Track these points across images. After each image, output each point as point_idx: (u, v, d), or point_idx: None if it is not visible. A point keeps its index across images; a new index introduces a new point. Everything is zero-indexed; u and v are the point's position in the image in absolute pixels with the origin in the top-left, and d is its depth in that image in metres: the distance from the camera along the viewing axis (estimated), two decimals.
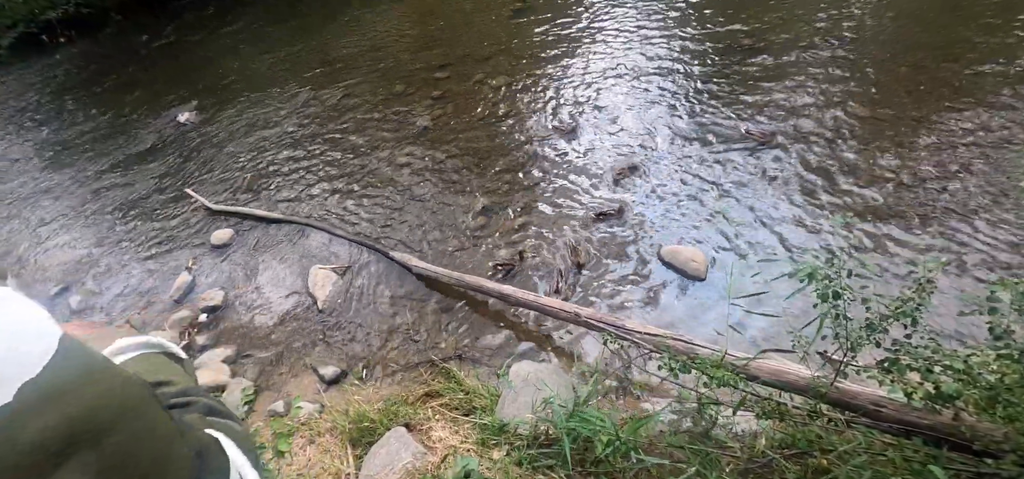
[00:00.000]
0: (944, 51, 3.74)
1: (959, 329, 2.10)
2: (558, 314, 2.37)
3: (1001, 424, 1.31)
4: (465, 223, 3.31)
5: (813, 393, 1.59)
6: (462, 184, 3.62)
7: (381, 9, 7.15)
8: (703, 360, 1.76)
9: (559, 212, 3.22)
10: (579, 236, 2.99)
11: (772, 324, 2.25)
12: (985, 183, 2.72)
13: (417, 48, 5.68)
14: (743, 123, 3.45)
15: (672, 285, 2.65)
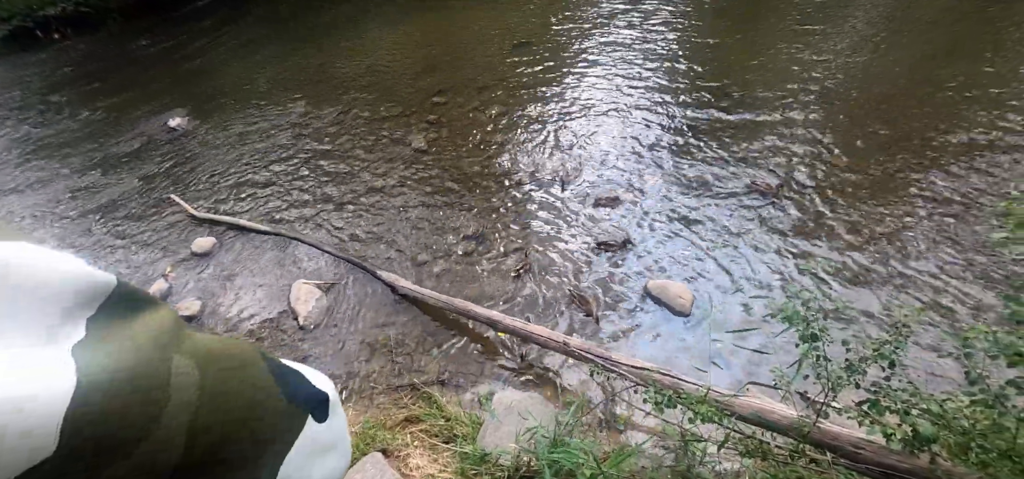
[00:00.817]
0: (913, 107, 3.96)
1: (935, 372, 2.16)
2: (546, 343, 2.36)
3: (974, 470, 1.34)
4: (455, 247, 3.31)
5: (796, 433, 1.60)
6: (453, 208, 3.64)
7: (383, 31, 7.30)
8: (688, 395, 1.77)
9: (549, 242, 3.24)
10: (581, 283, 2.98)
11: (755, 361, 2.28)
12: (955, 235, 2.84)
13: (416, 72, 5.78)
14: (748, 175, 3.51)
15: (658, 319, 2.67)
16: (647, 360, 2.17)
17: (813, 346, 1.37)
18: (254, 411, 0.27)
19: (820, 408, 1.50)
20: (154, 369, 0.22)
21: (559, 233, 3.29)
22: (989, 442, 1.24)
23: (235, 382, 0.26)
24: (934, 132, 3.68)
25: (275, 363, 0.30)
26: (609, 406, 2.25)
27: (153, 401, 0.21)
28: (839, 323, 2.38)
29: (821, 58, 4.91)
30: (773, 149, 3.75)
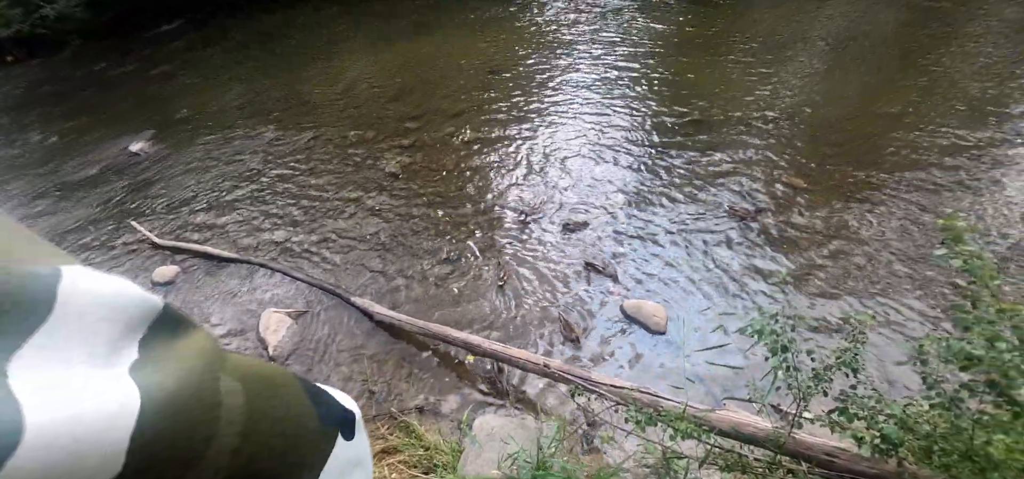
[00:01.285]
0: (863, 129, 4.24)
1: (899, 381, 2.25)
2: (525, 365, 2.35)
3: (939, 472, 1.40)
4: (430, 271, 3.28)
5: (772, 445, 1.64)
6: (428, 233, 3.62)
7: (355, 58, 7.31)
8: (668, 412, 1.78)
9: (524, 265, 3.26)
10: (558, 305, 2.99)
11: (730, 377, 2.33)
12: (904, 249, 3.02)
13: (389, 98, 5.79)
14: (716, 197, 3.63)
15: (635, 339, 2.70)
16: (626, 379, 2.19)
17: (783, 358, 1.41)
18: (294, 432, 0.28)
19: (793, 418, 1.54)
20: (206, 390, 0.23)
21: (534, 256, 3.32)
22: (949, 444, 1.31)
23: (277, 404, 0.27)
24: (882, 153, 3.94)
25: (309, 384, 0.31)
26: (591, 427, 2.24)
27: (208, 422, 0.22)
28: (804, 335, 2.48)
29: (778, 86, 5.22)
30: (736, 171, 3.92)
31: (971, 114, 4.38)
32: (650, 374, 2.47)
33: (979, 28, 6.39)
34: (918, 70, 5.23)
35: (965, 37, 6.11)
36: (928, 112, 4.40)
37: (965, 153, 3.85)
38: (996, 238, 3.08)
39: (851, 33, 6.60)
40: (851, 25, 6.92)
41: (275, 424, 0.27)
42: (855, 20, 7.08)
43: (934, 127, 4.18)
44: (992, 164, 3.73)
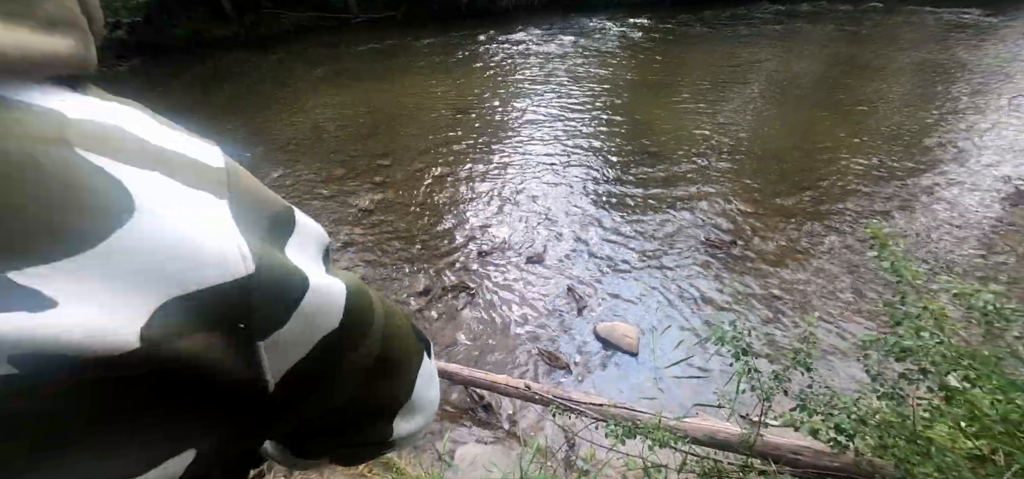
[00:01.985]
0: (804, 160, 4.65)
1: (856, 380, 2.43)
2: (506, 390, 2.38)
3: (891, 462, 1.53)
4: (405, 302, 3.28)
5: (744, 447, 1.74)
6: (402, 266, 3.64)
7: (324, 96, 7.36)
8: (645, 424, 1.86)
9: (498, 294, 3.32)
10: (532, 332, 3.05)
11: (700, 388, 2.45)
12: (843, 258, 3.31)
13: (360, 136, 5.85)
14: (702, 231, 3.78)
15: (609, 360, 2.79)
16: (604, 397, 2.26)
17: (745, 361, 1.54)
18: (406, 335, 0.40)
19: (760, 418, 1.65)
20: (367, 294, 0.34)
21: (507, 286, 3.39)
22: (896, 431, 1.45)
23: (398, 317, 0.39)
24: (822, 179, 4.33)
25: (409, 315, 0.45)
26: (572, 446, 2.28)
27: (371, 311, 0.34)
28: (762, 340, 2.65)
29: (723, 122, 5.66)
30: (691, 199, 4.20)
31: (895, 143, 4.90)
32: (626, 391, 2.56)
33: (893, 69, 7.21)
34: (846, 106, 5.83)
35: (882, 77, 6.88)
36: (858, 142, 4.90)
37: (893, 177, 4.30)
38: (922, 246, 3.43)
39: (783, 75, 7.29)
40: (782, 67, 7.65)
41: (398, 329, 0.38)
42: (785, 63, 7.83)
43: (865, 155, 4.65)
44: (915, 185, 4.17)
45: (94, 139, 0.21)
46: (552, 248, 3.72)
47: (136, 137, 0.23)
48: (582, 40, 10.24)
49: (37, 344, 0.17)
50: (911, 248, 3.42)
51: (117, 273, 0.19)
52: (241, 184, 0.27)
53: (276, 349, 0.25)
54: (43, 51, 0.21)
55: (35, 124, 0.19)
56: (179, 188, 0.22)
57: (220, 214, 0.23)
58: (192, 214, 0.22)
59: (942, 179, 4.25)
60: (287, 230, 0.29)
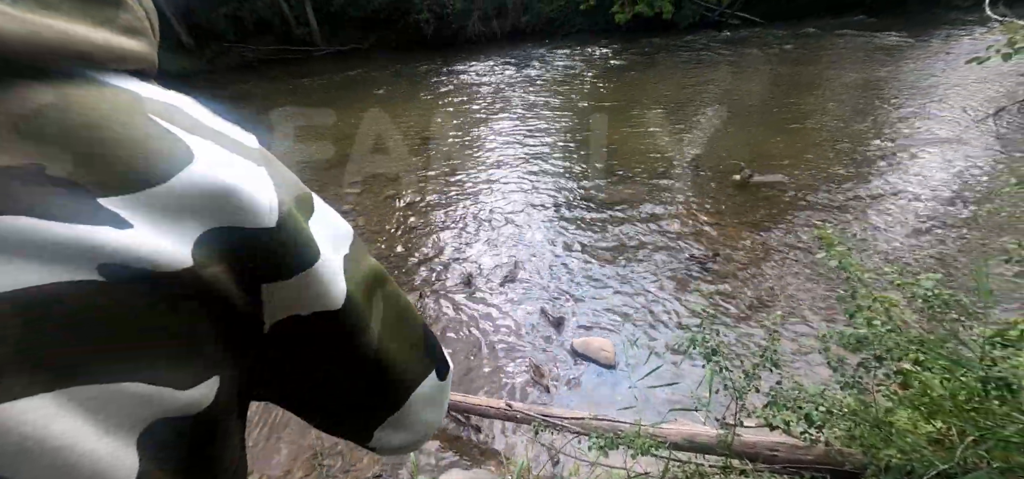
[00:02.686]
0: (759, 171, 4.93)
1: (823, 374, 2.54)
2: (487, 412, 2.36)
3: (858, 450, 1.61)
4: None
5: (722, 449, 1.79)
6: None
7: (290, 127, 7.27)
8: (626, 434, 1.89)
9: (474, 313, 3.32)
10: (509, 351, 3.06)
11: (677, 394, 2.50)
12: (799, 257, 3.50)
13: (328, 165, 5.79)
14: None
15: (587, 374, 2.82)
16: (584, 411, 2.28)
17: (714, 360, 1.60)
18: (409, 355, 0.41)
19: (735, 418, 1.71)
20: (375, 288, 0.38)
21: (481, 308, 3.39)
22: (860, 418, 1.53)
23: (408, 323, 0.42)
24: (776, 190, 4.59)
25: (425, 326, 0.45)
26: (556, 464, 2.27)
27: (371, 307, 0.37)
28: (731, 342, 2.74)
29: (684, 141, 5.95)
30: (655, 214, 4.36)
31: (837, 154, 5.26)
32: (606, 403, 2.58)
33: (830, 86, 7.79)
34: (790, 122, 6.23)
35: (820, 94, 7.43)
36: (804, 155, 5.24)
37: (839, 185, 4.61)
38: (868, 243, 3.68)
39: (733, 96, 7.76)
40: (732, 89, 8.14)
41: (404, 335, 0.40)
42: (734, 85, 8.34)
43: (813, 168, 4.97)
44: (858, 191, 4.49)
45: (161, 110, 0.27)
46: (525, 268, 3.76)
47: (192, 116, 0.29)
48: (545, 68, 10.58)
49: (119, 255, 0.22)
50: (858, 245, 3.66)
51: (177, 206, 0.24)
52: (274, 164, 0.33)
53: (277, 296, 0.29)
54: (123, 49, 0.27)
55: (120, 97, 0.26)
56: (227, 153, 0.28)
57: (260, 175, 0.29)
58: (237, 171, 0.28)
59: (881, 183, 4.59)
60: (310, 210, 0.33)
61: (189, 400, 0.25)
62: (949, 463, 1.20)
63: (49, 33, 0.23)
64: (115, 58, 0.26)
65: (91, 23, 0.25)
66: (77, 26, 0.24)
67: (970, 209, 4.06)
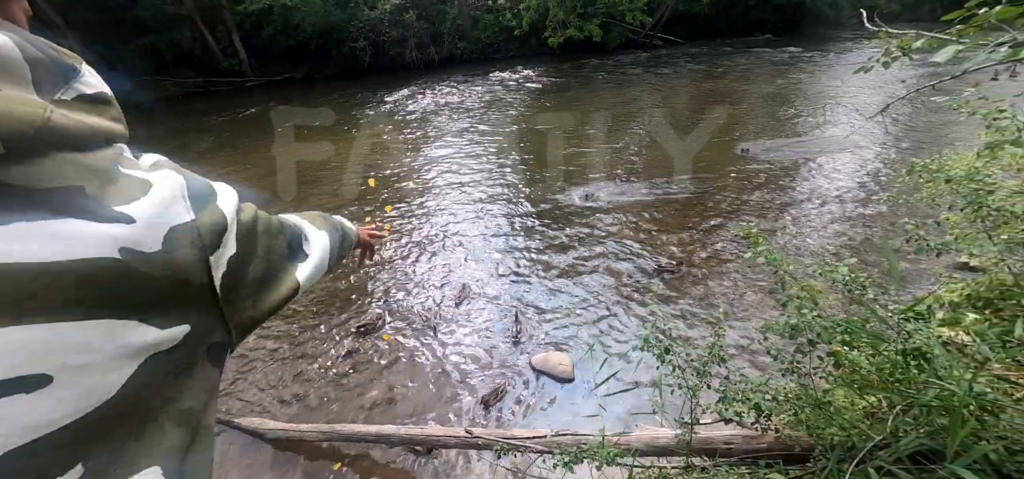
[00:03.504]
0: (693, 179, 5.23)
1: (764, 365, 2.68)
2: (446, 442, 2.26)
3: (804, 432, 1.70)
4: (329, 371, 3.03)
5: (682, 448, 1.82)
6: (323, 331, 3.38)
7: (218, 165, 6.80)
8: (591, 446, 1.88)
9: (427, 342, 3.21)
10: (465, 374, 3.00)
11: (637, 401, 2.54)
12: (735, 254, 3.72)
13: (262, 201, 5.42)
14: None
15: (547, 390, 2.80)
16: (547, 428, 2.25)
17: (668, 360, 1.64)
18: (278, 257, 0.57)
19: (691, 416, 1.75)
20: (253, 212, 0.53)
21: (436, 334, 3.30)
22: (803, 401, 1.62)
23: (270, 235, 0.56)
24: (707, 194, 4.89)
25: (290, 233, 0.64)
26: None
27: (257, 223, 0.53)
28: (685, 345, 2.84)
29: (624, 155, 6.21)
30: (603, 226, 4.49)
31: (760, 159, 5.71)
32: (568, 418, 2.57)
33: (747, 98, 8.49)
34: (716, 132, 6.70)
35: (740, 105, 8.07)
36: (731, 162, 5.63)
37: (764, 186, 4.98)
38: (793, 238, 3.99)
39: (663, 110, 8.26)
40: (662, 104, 8.67)
41: (267, 221, 0.55)
42: (664, 100, 8.89)
43: (738, 172, 5.34)
44: (780, 191, 4.87)
45: (131, 163, 0.43)
46: (477, 290, 3.71)
47: (148, 160, 0.48)
48: (484, 91, 10.74)
49: (127, 242, 0.36)
50: (788, 241, 3.96)
51: (152, 214, 0.39)
52: (187, 172, 0.47)
53: (220, 258, 0.44)
54: (110, 129, 0.43)
55: (107, 156, 0.40)
56: (171, 173, 0.44)
57: (190, 181, 0.45)
58: (177, 182, 0.43)
59: (796, 183, 5.03)
60: (213, 194, 0.47)
61: (166, 336, 0.39)
62: (883, 433, 1.29)
63: (90, 124, 0.40)
64: (105, 135, 0.41)
65: (107, 118, 0.43)
66: (101, 120, 0.42)
67: (874, 198, 4.54)
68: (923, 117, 6.53)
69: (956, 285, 2.33)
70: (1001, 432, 1.18)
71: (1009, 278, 1.87)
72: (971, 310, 1.93)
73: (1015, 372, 1.59)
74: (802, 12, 16.86)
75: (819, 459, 1.51)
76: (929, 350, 1.31)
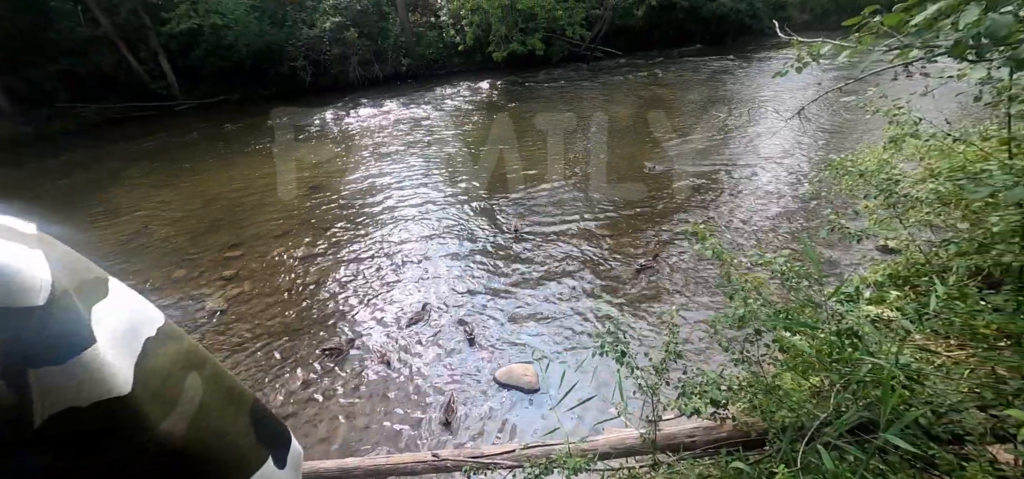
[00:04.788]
0: (642, 183, 5.45)
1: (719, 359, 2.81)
2: (414, 468, 2.18)
3: (759, 418, 1.79)
4: (282, 408, 2.85)
5: (647, 447, 1.86)
6: (273, 361, 3.18)
7: (149, 194, 6.29)
8: (559, 456, 1.88)
9: (387, 367, 3.11)
10: (429, 395, 2.91)
11: (602, 405, 2.58)
12: (691, 257, 3.91)
13: (200, 231, 5.09)
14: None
15: (513, 402, 2.78)
16: (515, 442, 2.23)
17: (626, 361, 1.68)
18: (232, 440, 0.37)
19: (653, 412, 1.80)
20: (176, 376, 0.34)
21: (393, 354, 3.20)
22: (755, 388, 1.71)
23: (227, 410, 0.37)
24: (653, 197, 5.10)
25: (261, 410, 0.40)
26: None
27: (170, 398, 0.33)
28: (643, 345, 2.93)
29: (568, 159, 6.37)
30: (559, 233, 4.57)
31: (695, 160, 6.04)
32: (536, 428, 2.56)
33: (686, 104, 9.00)
34: (658, 137, 7.04)
35: (680, 111, 8.54)
36: (673, 165, 5.92)
37: (707, 187, 5.27)
38: (737, 233, 4.24)
39: (607, 118, 8.59)
40: (605, 113, 9.01)
41: (218, 424, 0.36)
42: (606, 109, 9.24)
43: (680, 175, 5.62)
44: (722, 190, 5.17)
45: None
46: (435, 308, 3.64)
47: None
48: (431, 107, 10.69)
49: None
50: (733, 236, 4.20)
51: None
52: (56, 248, 0.32)
53: (49, 383, 0.28)
54: None
55: None
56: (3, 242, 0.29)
57: (32, 256, 0.29)
58: (10, 253, 0.28)
59: (732, 181, 5.37)
60: (97, 295, 0.33)
61: None
62: (828, 411, 1.38)
63: None
64: None
65: None
66: None
67: (800, 191, 4.92)
68: (835, 116, 7.19)
69: (879, 266, 2.56)
70: (927, 398, 1.30)
71: (921, 257, 2.07)
72: (893, 288, 2.13)
73: (933, 342, 1.76)
74: (727, 24, 18.15)
75: (774, 441, 1.59)
76: (860, 328, 1.43)
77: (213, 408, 0.36)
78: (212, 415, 0.35)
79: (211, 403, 0.35)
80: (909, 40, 1.71)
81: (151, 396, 0.32)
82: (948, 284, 1.57)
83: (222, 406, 0.36)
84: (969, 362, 1.53)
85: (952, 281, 1.59)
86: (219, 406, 0.36)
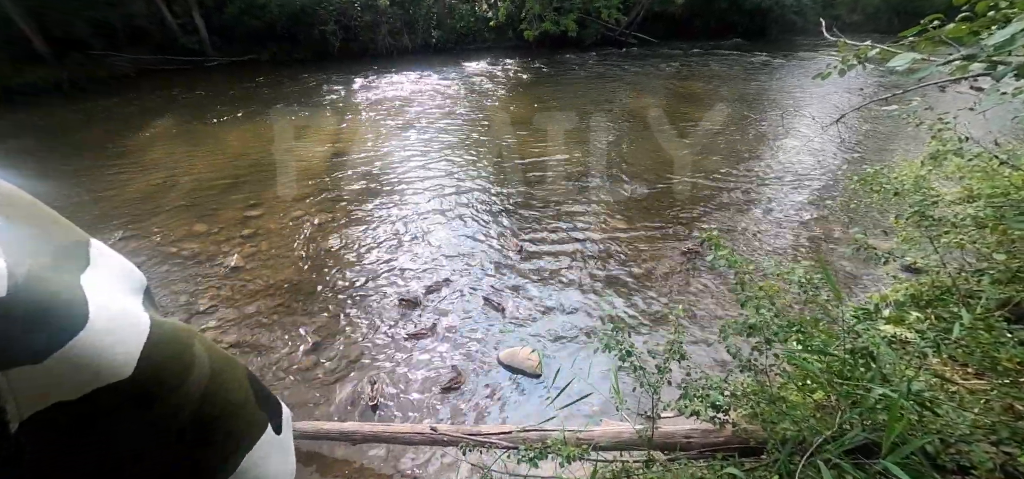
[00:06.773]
0: (662, 178, 5.34)
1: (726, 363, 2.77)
2: (412, 440, 2.23)
3: (760, 426, 1.77)
4: (292, 366, 2.94)
5: (643, 443, 1.86)
6: (285, 323, 3.27)
7: (177, 147, 6.46)
8: (555, 442, 1.89)
9: (394, 340, 3.16)
10: (432, 369, 2.96)
11: (602, 395, 2.58)
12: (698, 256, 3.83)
13: (223, 188, 5.21)
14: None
15: (515, 385, 2.81)
16: (512, 424, 2.25)
17: (630, 361, 1.67)
18: (239, 402, 0.35)
19: (652, 411, 1.79)
20: (185, 340, 0.31)
21: (404, 326, 3.25)
22: (760, 397, 1.68)
23: (230, 377, 0.34)
24: (674, 194, 5.00)
25: (253, 376, 0.39)
26: None
27: (186, 363, 0.30)
28: (649, 342, 2.90)
29: (594, 148, 6.27)
30: (576, 222, 4.53)
31: (726, 159, 5.88)
32: (534, 413, 2.58)
33: (714, 102, 8.72)
34: (685, 131, 6.86)
35: (709, 105, 8.28)
36: (698, 161, 5.77)
37: (728, 188, 5.13)
38: (753, 239, 4.13)
39: (635, 107, 8.38)
40: (633, 101, 8.79)
41: (227, 391, 0.34)
42: (635, 98, 9.02)
43: (704, 172, 5.48)
44: (744, 194, 5.03)
45: None
46: (448, 283, 3.67)
47: None
48: (458, 82, 10.61)
49: None
50: (749, 243, 4.10)
51: None
52: (19, 208, 0.28)
53: (26, 384, 0.23)
54: None
55: None
56: None
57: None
58: None
59: (757, 187, 5.21)
60: (80, 261, 0.29)
61: None
62: (832, 428, 1.35)
63: None
64: None
65: None
66: None
67: (827, 203, 4.75)
68: (878, 124, 6.87)
69: (901, 285, 2.47)
70: (938, 426, 1.25)
71: (948, 280, 1.98)
72: (915, 309, 2.05)
73: (950, 368, 1.69)
74: (770, 18, 17.42)
75: (772, 452, 1.57)
76: (875, 348, 1.38)
77: (223, 374, 0.33)
78: (222, 382, 0.33)
79: (220, 370, 0.33)
80: (970, 52, 1.60)
81: (159, 370, 0.28)
82: (974, 312, 1.50)
83: (228, 372, 0.34)
84: (986, 394, 1.47)
85: (978, 310, 1.51)
86: (218, 377, 0.33)
